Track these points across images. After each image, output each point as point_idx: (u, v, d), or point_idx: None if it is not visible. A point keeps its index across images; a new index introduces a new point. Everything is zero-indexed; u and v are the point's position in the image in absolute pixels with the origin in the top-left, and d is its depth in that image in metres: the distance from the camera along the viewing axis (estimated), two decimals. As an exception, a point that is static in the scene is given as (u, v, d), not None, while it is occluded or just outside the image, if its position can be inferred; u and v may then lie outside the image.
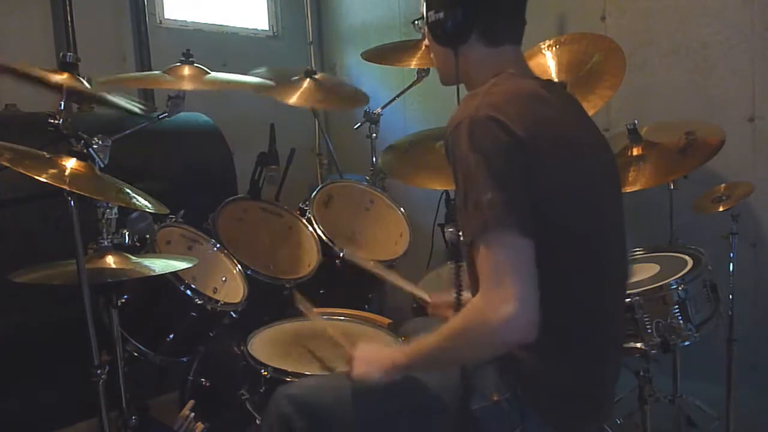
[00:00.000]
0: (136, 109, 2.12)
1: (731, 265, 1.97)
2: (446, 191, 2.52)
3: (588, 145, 1.31)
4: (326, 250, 2.23)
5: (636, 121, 2.12)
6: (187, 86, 1.92)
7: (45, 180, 1.38)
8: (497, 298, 1.09)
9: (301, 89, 2.54)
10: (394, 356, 1.28)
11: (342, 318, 1.94)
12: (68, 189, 1.42)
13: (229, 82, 2.07)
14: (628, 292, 1.65)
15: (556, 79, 2.20)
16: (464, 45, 1.28)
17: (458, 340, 1.17)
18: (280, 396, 1.35)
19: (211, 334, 1.93)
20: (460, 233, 1.18)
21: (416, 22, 1.45)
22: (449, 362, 1.25)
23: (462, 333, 1.16)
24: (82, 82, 1.83)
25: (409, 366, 1.26)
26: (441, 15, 1.27)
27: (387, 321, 1.92)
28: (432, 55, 1.39)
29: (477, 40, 1.28)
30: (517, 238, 1.09)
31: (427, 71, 2.56)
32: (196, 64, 2.01)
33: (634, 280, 1.79)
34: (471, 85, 1.32)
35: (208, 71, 2.01)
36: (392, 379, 1.26)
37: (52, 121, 1.61)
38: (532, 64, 2.09)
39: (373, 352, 1.33)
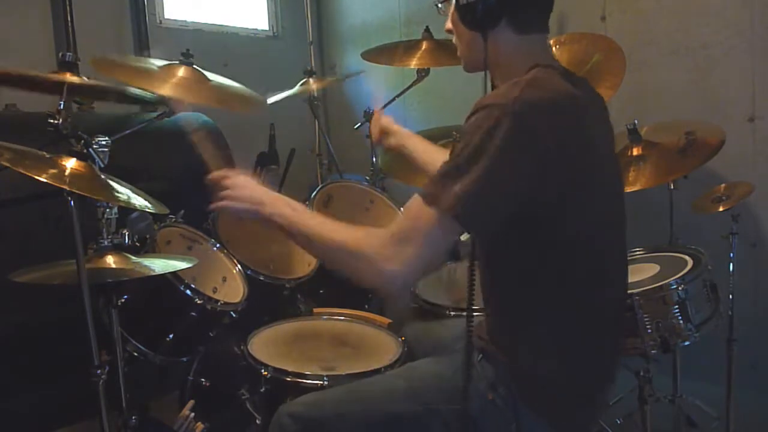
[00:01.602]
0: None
1: (731, 265, 1.97)
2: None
3: (605, 146, 1.31)
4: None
5: (636, 121, 2.12)
6: (177, 93, 1.91)
7: (45, 180, 1.38)
8: (395, 253, 1.13)
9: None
10: (263, 201, 1.31)
11: (342, 318, 1.94)
12: (68, 189, 1.42)
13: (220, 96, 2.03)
14: (628, 292, 1.66)
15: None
16: (494, 30, 1.25)
17: (341, 254, 1.23)
18: (282, 416, 1.35)
19: (211, 334, 1.92)
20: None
21: (440, 5, 1.43)
22: (320, 256, 1.30)
23: (347, 253, 1.21)
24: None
25: (281, 228, 1.29)
26: None
27: (387, 321, 1.92)
28: (456, 40, 1.36)
29: (507, 25, 1.25)
30: (454, 224, 1.12)
31: (427, 71, 2.56)
32: (194, 66, 2.00)
33: (634, 280, 1.79)
34: (498, 72, 1.30)
35: (204, 72, 2.00)
36: (247, 217, 1.32)
37: (52, 121, 1.60)
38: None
39: (245, 186, 1.35)
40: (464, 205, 1.10)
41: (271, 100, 2.44)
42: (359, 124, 2.65)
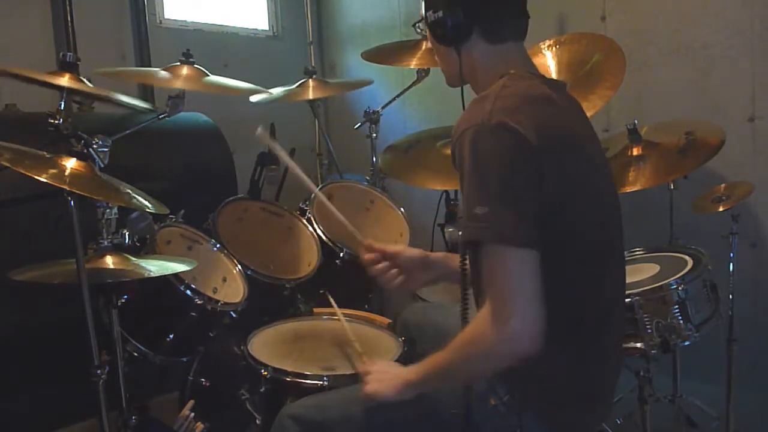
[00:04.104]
0: (140, 105, 2.10)
1: (731, 265, 1.97)
2: (446, 191, 2.52)
3: (591, 145, 1.31)
4: (326, 249, 2.23)
5: (636, 121, 2.12)
6: (185, 85, 1.92)
7: (45, 180, 1.38)
8: (500, 314, 1.09)
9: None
10: (406, 374, 1.28)
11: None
12: (68, 189, 1.42)
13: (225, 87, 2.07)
14: (628, 292, 1.65)
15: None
16: (466, 43, 1.26)
17: (465, 353, 1.18)
18: (284, 418, 1.35)
19: (211, 334, 1.93)
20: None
21: (417, 24, 1.43)
22: (459, 377, 1.24)
23: (468, 347, 1.17)
24: (83, 82, 1.83)
25: (421, 383, 1.25)
26: (440, 14, 1.25)
27: (387, 321, 1.92)
28: (436, 57, 1.37)
29: (479, 37, 1.26)
30: (519, 251, 1.09)
31: (427, 71, 2.56)
32: (195, 65, 2.00)
33: (634, 280, 1.79)
34: (476, 84, 1.31)
35: (207, 72, 2.01)
36: (404, 398, 1.26)
37: (52, 121, 1.61)
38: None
39: (386, 370, 1.33)
40: (500, 228, 1.09)
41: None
42: (359, 124, 2.65)
